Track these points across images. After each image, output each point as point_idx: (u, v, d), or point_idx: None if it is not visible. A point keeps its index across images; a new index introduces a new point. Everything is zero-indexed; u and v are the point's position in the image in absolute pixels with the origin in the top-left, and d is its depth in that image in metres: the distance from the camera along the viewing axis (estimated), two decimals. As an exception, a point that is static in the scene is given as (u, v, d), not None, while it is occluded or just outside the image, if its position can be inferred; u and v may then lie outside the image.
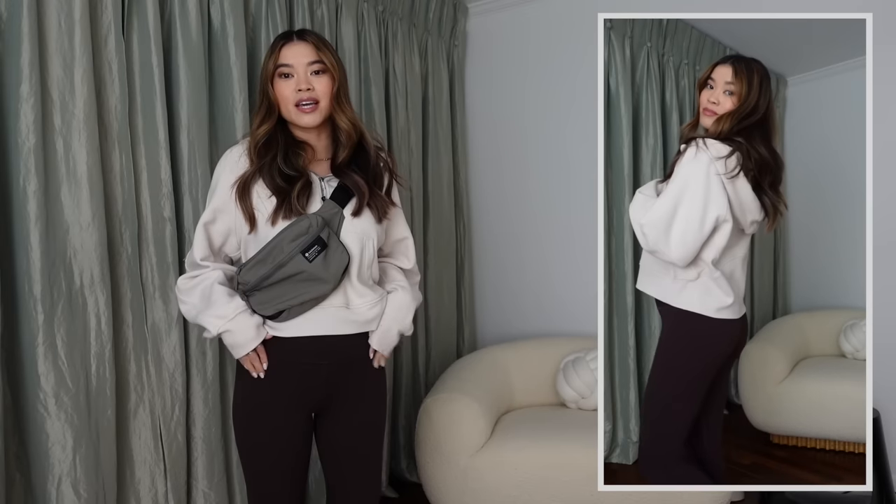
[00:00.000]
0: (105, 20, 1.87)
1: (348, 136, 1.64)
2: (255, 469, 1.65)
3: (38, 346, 1.71)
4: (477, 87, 3.48)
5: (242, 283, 1.59)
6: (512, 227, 3.41)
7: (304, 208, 1.57)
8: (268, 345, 1.61)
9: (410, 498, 2.86)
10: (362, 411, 1.68)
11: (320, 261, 1.54)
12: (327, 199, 1.60)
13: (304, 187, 1.58)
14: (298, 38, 1.62)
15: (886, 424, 2.57)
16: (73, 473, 1.74)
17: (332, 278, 1.55)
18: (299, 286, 1.55)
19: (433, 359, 3.18)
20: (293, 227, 1.55)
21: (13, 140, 1.69)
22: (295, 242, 1.54)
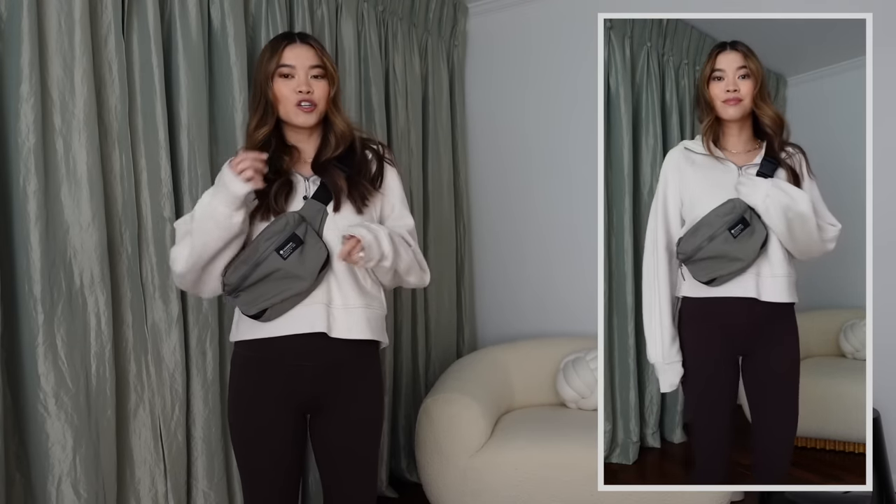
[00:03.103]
0: (105, 20, 1.87)
1: (342, 138, 1.65)
2: (248, 467, 1.65)
3: (38, 346, 1.71)
4: (477, 87, 3.48)
5: (227, 284, 1.59)
6: (512, 227, 3.41)
7: (284, 208, 1.58)
8: (255, 344, 1.61)
9: (410, 498, 2.86)
10: (356, 411, 1.66)
11: (295, 258, 1.54)
12: (309, 198, 1.61)
13: (281, 187, 1.59)
14: (301, 40, 1.63)
15: (886, 424, 2.57)
16: (73, 473, 1.74)
17: (308, 275, 1.55)
18: (278, 284, 1.55)
19: (433, 359, 3.18)
20: (271, 226, 1.57)
21: (13, 140, 1.69)
22: (270, 241, 1.55)
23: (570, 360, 2.82)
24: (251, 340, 1.61)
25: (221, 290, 1.62)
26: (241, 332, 1.63)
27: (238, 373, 1.65)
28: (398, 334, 2.95)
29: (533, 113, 3.32)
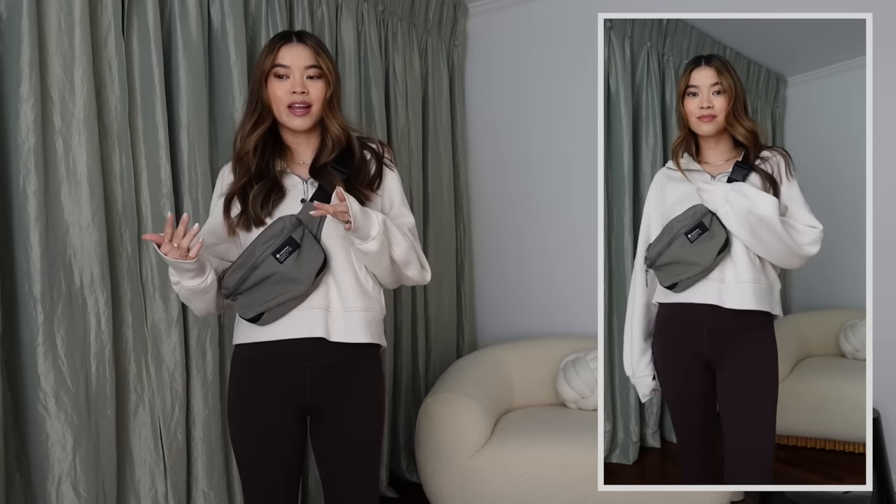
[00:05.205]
0: (105, 20, 1.87)
1: (337, 141, 1.63)
2: (247, 468, 1.65)
3: (38, 346, 1.71)
4: (477, 87, 3.48)
5: (224, 288, 1.59)
6: (512, 227, 3.41)
7: (271, 213, 1.58)
8: (254, 346, 1.61)
9: (410, 498, 2.86)
10: (353, 418, 1.64)
11: (292, 261, 1.53)
12: (307, 201, 1.60)
13: (259, 192, 1.58)
14: (298, 40, 1.60)
15: (886, 424, 2.57)
16: (73, 473, 1.74)
17: (305, 278, 1.54)
18: (275, 288, 1.55)
19: (433, 359, 3.18)
20: (268, 229, 1.56)
21: (13, 140, 1.69)
22: (267, 244, 1.54)
23: (570, 360, 2.82)
24: (251, 343, 1.61)
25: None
26: (241, 336, 1.63)
27: (238, 373, 1.65)
28: (398, 334, 2.95)
29: (533, 113, 3.32)
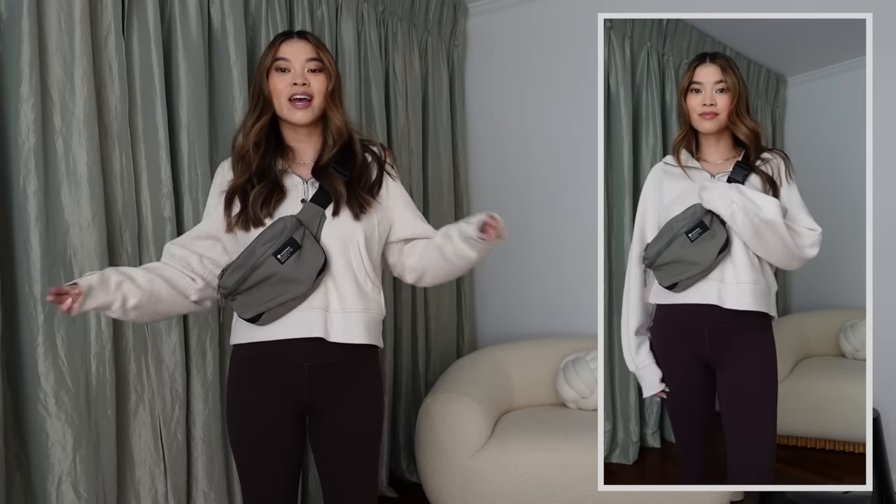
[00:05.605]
0: (105, 20, 1.87)
1: (338, 134, 1.63)
2: (246, 468, 1.65)
3: (38, 346, 1.71)
4: (477, 87, 3.48)
5: (223, 287, 1.59)
6: (512, 227, 3.38)
7: (272, 213, 1.57)
8: (253, 345, 1.60)
9: (410, 498, 2.86)
10: (351, 417, 1.64)
11: (293, 262, 1.53)
12: (307, 202, 1.60)
13: (265, 195, 1.58)
14: (299, 36, 1.62)
15: (886, 424, 2.57)
16: (73, 473, 1.74)
17: (306, 279, 1.54)
18: (275, 288, 1.55)
19: (433, 359, 3.18)
20: (268, 230, 1.56)
21: (13, 140, 1.69)
22: (267, 245, 1.54)
23: (570, 360, 2.82)
24: (249, 343, 1.61)
25: (217, 293, 1.63)
26: (239, 336, 1.63)
27: (236, 373, 1.65)
28: (398, 334, 2.95)
29: (533, 113, 3.32)
